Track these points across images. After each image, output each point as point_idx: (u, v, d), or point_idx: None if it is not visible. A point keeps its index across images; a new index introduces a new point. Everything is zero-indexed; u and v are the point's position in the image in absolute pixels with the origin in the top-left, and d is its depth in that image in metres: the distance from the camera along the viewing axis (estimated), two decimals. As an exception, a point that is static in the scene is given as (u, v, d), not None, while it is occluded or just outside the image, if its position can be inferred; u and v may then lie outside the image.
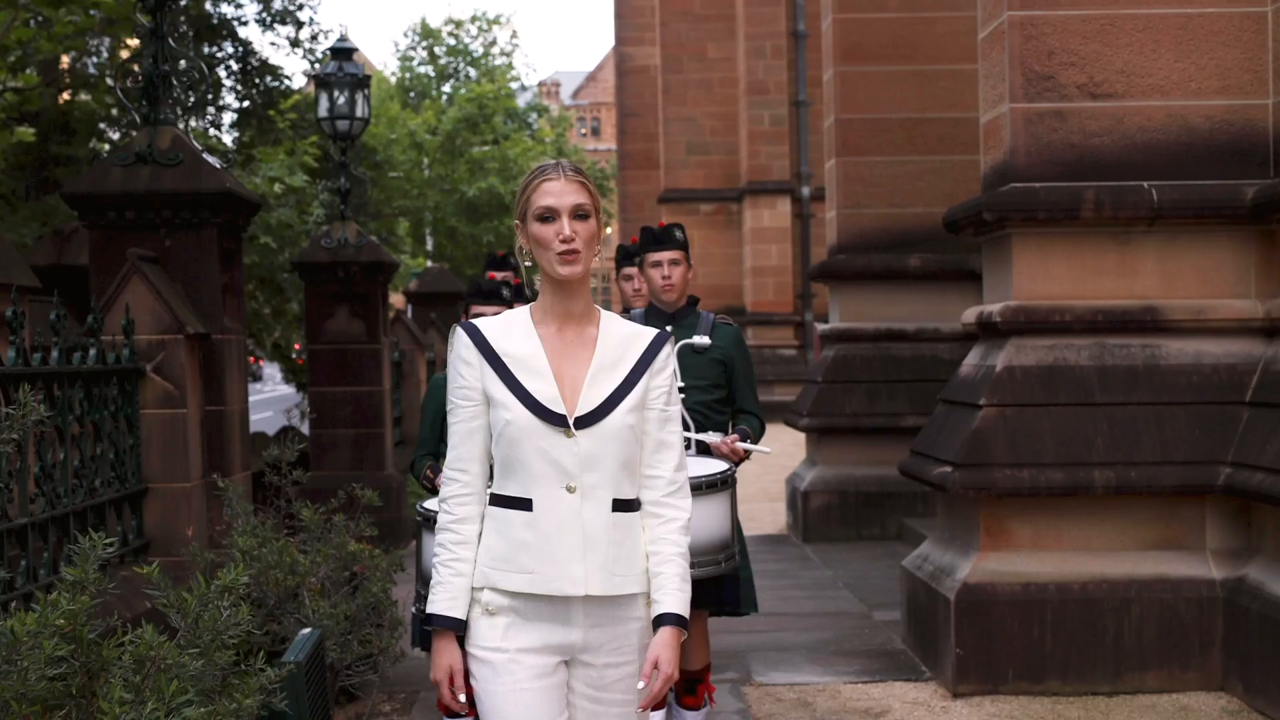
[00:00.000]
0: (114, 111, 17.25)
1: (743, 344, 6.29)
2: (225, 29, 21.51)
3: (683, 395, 5.89)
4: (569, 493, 3.42)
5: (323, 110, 13.24)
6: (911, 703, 7.16)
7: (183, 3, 20.05)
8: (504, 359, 3.47)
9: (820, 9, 15.16)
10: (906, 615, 8.29)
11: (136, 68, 8.42)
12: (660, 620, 3.47)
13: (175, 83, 8.10)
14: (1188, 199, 7.40)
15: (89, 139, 18.84)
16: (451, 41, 60.24)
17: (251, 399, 32.92)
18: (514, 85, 60.22)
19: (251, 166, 17.96)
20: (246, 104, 21.24)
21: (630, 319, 5.34)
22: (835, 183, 13.30)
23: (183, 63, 8.38)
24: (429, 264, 31.04)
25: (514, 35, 66.32)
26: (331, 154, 14.61)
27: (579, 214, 3.45)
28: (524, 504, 3.44)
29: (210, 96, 21.02)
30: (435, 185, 28.25)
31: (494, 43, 60.90)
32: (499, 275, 7.68)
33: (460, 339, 3.53)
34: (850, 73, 13.16)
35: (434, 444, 6.24)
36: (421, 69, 59.25)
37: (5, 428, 4.17)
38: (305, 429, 15.75)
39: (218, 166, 7.88)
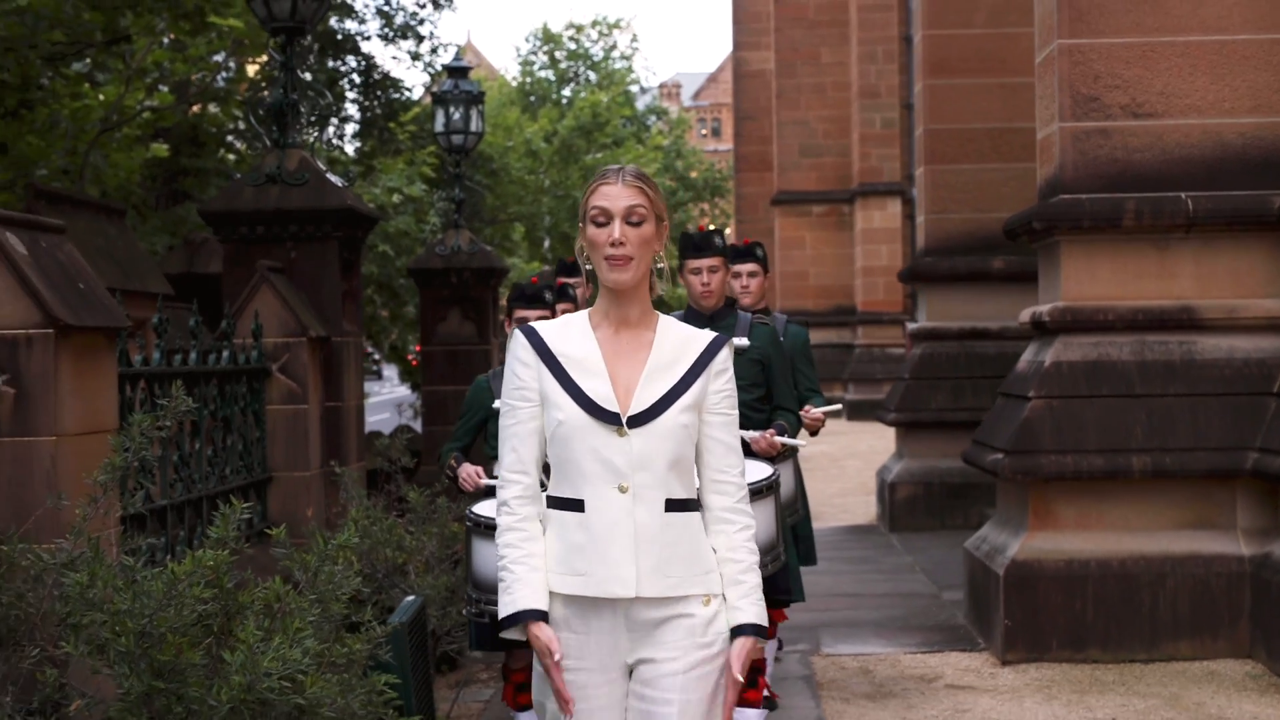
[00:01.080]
0: (240, 125, 18.26)
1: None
2: (349, 44, 22.56)
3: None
4: (620, 492, 3.42)
5: (439, 125, 14.13)
6: (963, 670, 7.85)
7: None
8: (560, 360, 3.49)
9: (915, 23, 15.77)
10: (967, 592, 8.98)
11: (266, 94, 9.31)
12: (740, 630, 3.48)
13: (302, 109, 8.98)
14: (1221, 208, 8.02)
15: (217, 150, 19.94)
16: (572, 46, 61.28)
17: (372, 399, 34.08)
18: (633, 88, 61.16)
19: (372, 177, 18.95)
20: (368, 116, 22.25)
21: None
22: (924, 189, 13.95)
23: (309, 92, 9.24)
24: (544, 268, 32.01)
25: (634, 39, 67.10)
26: (447, 165, 15.48)
27: (632, 218, 3.45)
28: (576, 505, 3.45)
29: (335, 109, 22.07)
30: (549, 191, 29.17)
31: (614, 46, 61.80)
32: (570, 280, 8.18)
33: (518, 340, 3.55)
34: (938, 85, 13.79)
35: (466, 439, 6.52)
36: (542, 73, 60.33)
37: (160, 418, 5.01)
38: (418, 426, 16.65)
39: (339, 185, 8.76)
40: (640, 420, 3.43)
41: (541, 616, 3.43)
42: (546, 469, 3.60)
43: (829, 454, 22.42)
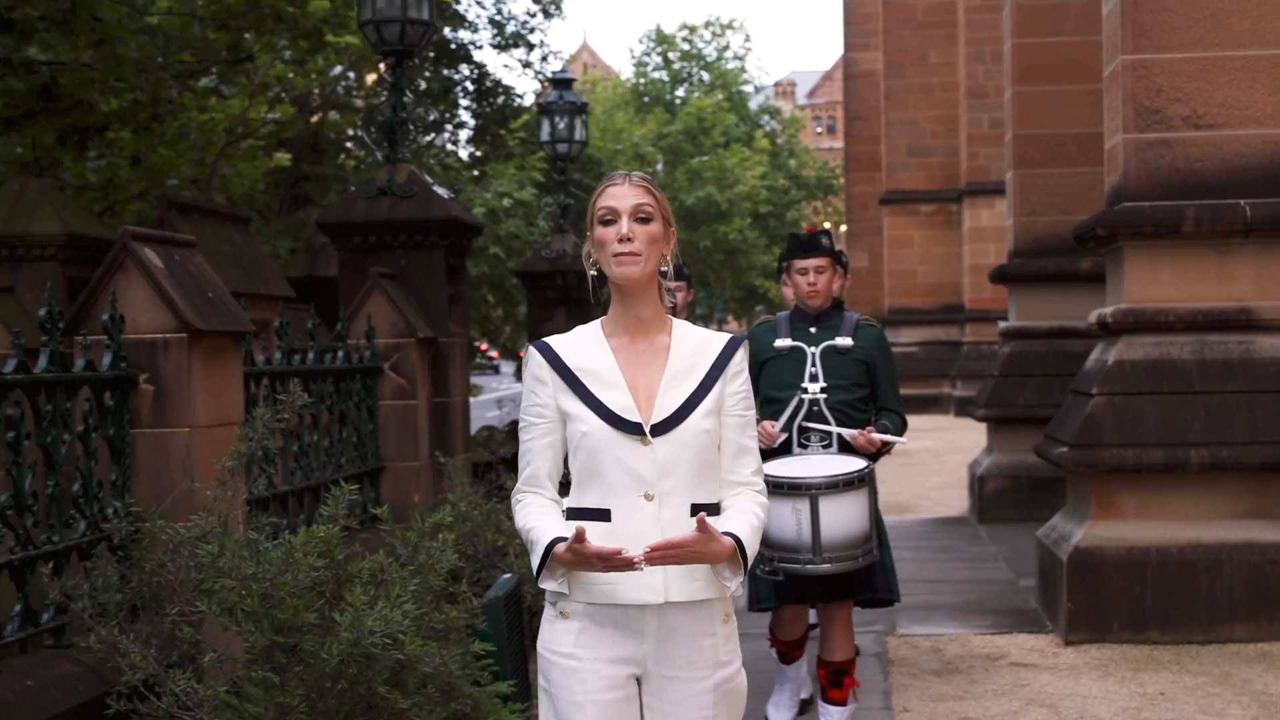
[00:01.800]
0: (358, 131, 19.05)
1: (884, 345, 6.43)
2: (463, 53, 23.33)
3: (825, 395, 6.17)
4: (647, 500, 3.44)
5: (544, 134, 14.78)
6: (1028, 649, 8.33)
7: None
8: (577, 373, 3.50)
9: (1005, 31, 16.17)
10: (1038, 578, 9.45)
11: (378, 115, 9.99)
12: (726, 533, 3.44)
13: (411, 126, 9.65)
14: (1278, 214, 8.42)
15: (336, 156, 20.78)
16: (685, 47, 61.88)
17: (486, 395, 34.90)
18: (746, 88, 61.61)
19: (483, 182, 19.67)
20: (481, 123, 23.01)
21: (776, 321, 6.43)
22: (1013, 193, 14.37)
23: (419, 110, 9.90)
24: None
25: (747, 39, 67.55)
26: (554, 172, 16.15)
27: (640, 215, 3.47)
28: (603, 515, 3.46)
29: (448, 117, 22.85)
30: (656, 194, 29.79)
31: (727, 47, 62.32)
32: (672, 285, 8.83)
33: (533, 358, 3.56)
34: (1028, 92, 14.19)
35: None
36: (656, 74, 60.99)
37: (279, 412, 5.66)
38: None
39: (445, 196, 9.42)
40: (663, 428, 3.45)
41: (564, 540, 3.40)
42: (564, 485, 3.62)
43: (932, 449, 22.83)
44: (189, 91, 14.34)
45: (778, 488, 5.81)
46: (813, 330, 6.25)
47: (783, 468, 5.97)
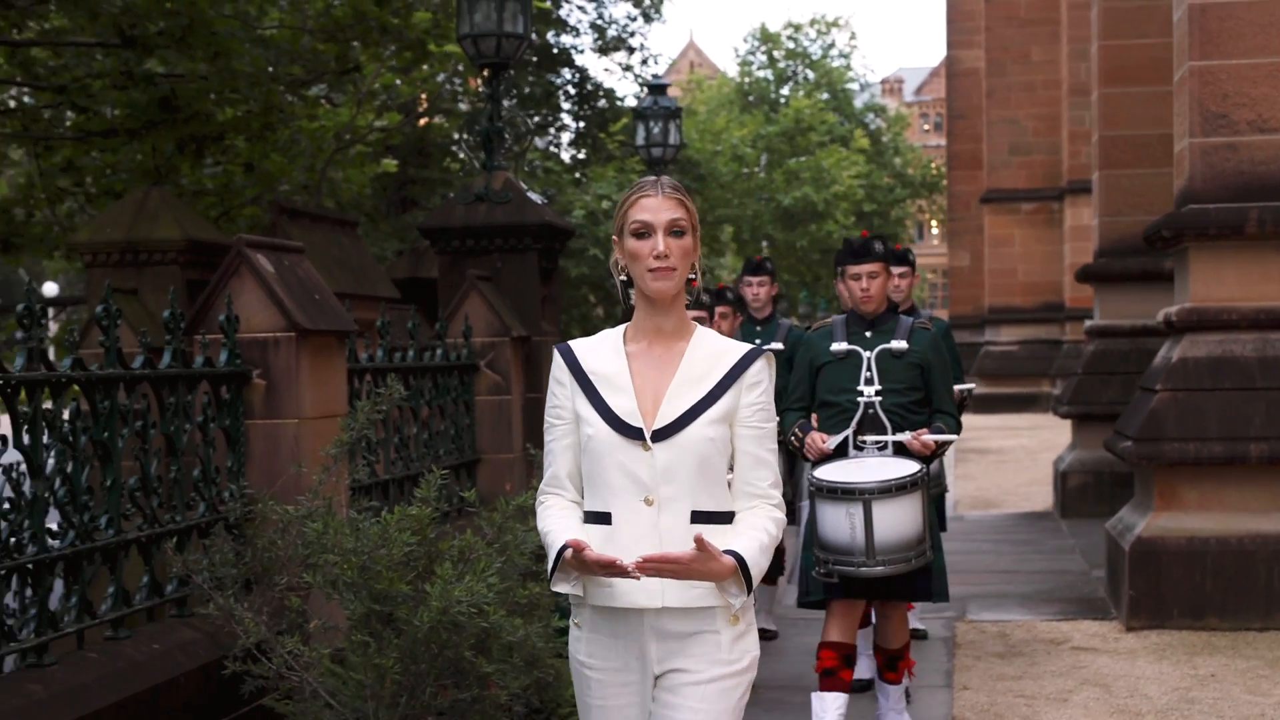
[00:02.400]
0: (464, 136, 19.67)
1: (939, 347, 6.43)
2: (564, 58, 23.89)
3: (880, 398, 6.23)
4: (646, 505, 3.46)
5: (639, 139, 15.29)
6: (1091, 635, 8.70)
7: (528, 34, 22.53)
8: (591, 377, 3.54)
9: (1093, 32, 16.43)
10: (1106, 568, 9.80)
11: (477, 125, 10.53)
12: (728, 551, 3.42)
13: (506, 136, 10.18)
14: (1338, 216, 8.74)
15: (442, 160, 21.43)
16: (790, 45, 62.09)
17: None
18: (852, 86, 61.70)
19: (584, 185, 20.21)
20: (582, 126, 23.56)
21: (832, 325, 6.50)
22: (1099, 193, 14.66)
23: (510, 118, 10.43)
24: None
25: (852, 37, 67.52)
26: (654, 174, 16.63)
27: (674, 230, 3.49)
28: (604, 518, 3.50)
29: (550, 121, 23.42)
30: (755, 195, 30.28)
31: (832, 45, 62.45)
32: (754, 277, 8.68)
33: (556, 361, 3.62)
34: (1114, 94, 14.47)
35: (807, 398, 6.48)
36: (761, 73, 61.26)
37: (377, 404, 6.19)
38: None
39: (539, 202, 9.94)
40: (664, 434, 3.46)
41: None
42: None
43: (1026, 447, 23.06)
44: (300, 100, 14.98)
45: (831, 492, 5.99)
46: (868, 334, 6.32)
47: (836, 472, 6.08)
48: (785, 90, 60.23)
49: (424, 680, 5.23)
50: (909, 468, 6.05)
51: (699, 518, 3.45)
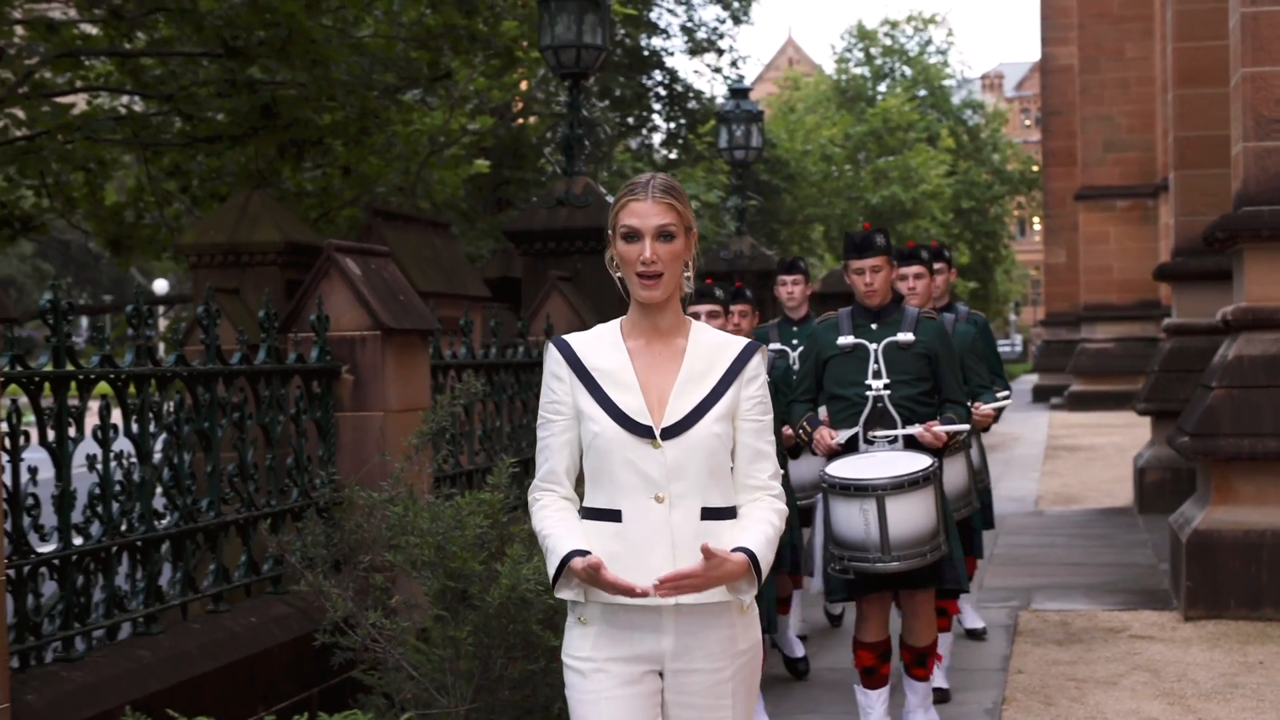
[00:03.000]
0: (552, 135, 20.16)
1: (945, 337, 6.43)
2: (655, 60, 24.33)
3: (889, 391, 6.24)
4: (657, 502, 3.46)
5: (722, 142, 15.68)
6: (1149, 624, 9.00)
7: (621, 35, 22.98)
8: (593, 373, 3.53)
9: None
10: (1170, 561, 10.07)
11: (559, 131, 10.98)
12: (738, 549, 3.45)
13: (587, 143, 10.63)
14: (1391, 218, 8.98)
15: (536, 160, 21.94)
16: (887, 42, 62.17)
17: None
18: (949, 83, 61.65)
19: (672, 185, 20.61)
20: (673, 127, 24.01)
21: (838, 318, 6.46)
22: (1175, 193, 14.87)
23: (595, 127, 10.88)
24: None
25: (950, 33, 67.37)
26: (732, 178, 17.03)
27: (663, 235, 3.46)
28: (613, 515, 3.49)
29: (643, 119, 23.86)
30: (843, 194, 30.59)
31: (929, 42, 62.46)
32: (789, 276, 8.63)
33: (551, 354, 3.59)
34: (1188, 95, 14.67)
35: (814, 390, 6.53)
36: (858, 70, 61.40)
37: (456, 398, 6.66)
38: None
39: (618, 205, 10.38)
40: (674, 432, 3.48)
41: (583, 553, 3.43)
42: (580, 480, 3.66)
43: (1118, 444, 23.22)
44: (395, 105, 15.51)
45: (844, 489, 6.04)
46: (874, 326, 6.30)
47: (848, 469, 6.12)
48: (882, 87, 60.36)
49: (495, 652, 5.67)
50: (921, 462, 6.08)
51: (709, 514, 3.48)
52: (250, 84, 12.96)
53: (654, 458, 3.45)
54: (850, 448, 6.26)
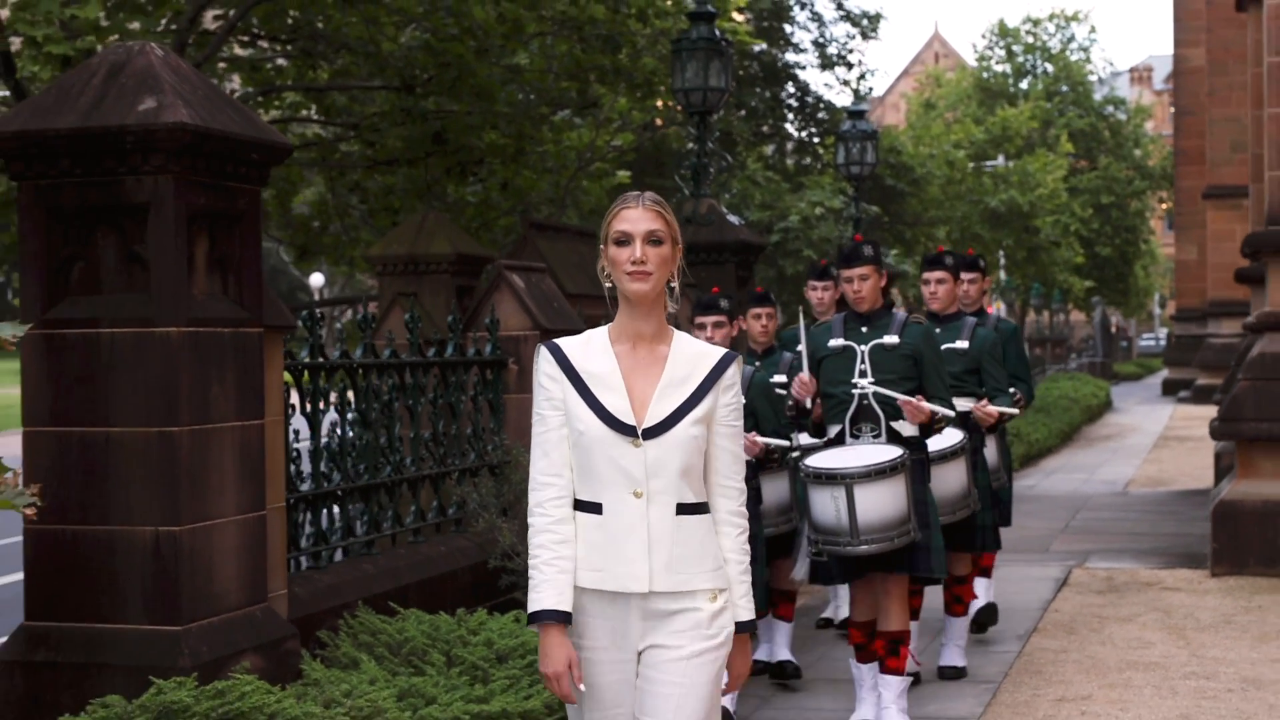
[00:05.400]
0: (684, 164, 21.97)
1: (931, 339, 6.79)
2: (787, 73, 26.11)
3: (875, 389, 6.62)
4: (636, 497, 3.67)
5: (840, 159, 17.45)
6: (1181, 579, 10.66)
7: (757, 49, 24.80)
8: (583, 375, 3.73)
9: None
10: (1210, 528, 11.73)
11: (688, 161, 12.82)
12: (740, 627, 3.79)
13: (712, 170, 12.48)
14: (1392, 235, 10.55)
15: (676, 169, 23.82)
16: (1029, 39, 63.03)
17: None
18: (1091, 79, 62.36)
19: (800, 192, 22.42)
20: (803, 136, 25.78)
21: (832, 323, 6.91)
22: (1252, 204, 16.35)
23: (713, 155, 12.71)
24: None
25: (1092, 30, 67.87)
26: (854, 189, 18.77)
27: (652, 239, 3.68)
28: (595, 507, 3.70)
29: (775, 128, 25.64)
30: (964, 197, 32.07)
31: (1071, 39, 63.23)
32: (819, 282, 8.79)
33: (544, 357, 3.78)
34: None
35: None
36: (999, 67, 62.37)
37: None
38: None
39: (736, 223, 12.22)
40: (654, 432, 3.68)
41: (564, 619, 3.68)
42: None
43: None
44: (548, 126, 17.50)
45: (818, 478, 6.47)
46: (864, 330, 6.67)
47: (824, 459, 6.56)
48: (1024, 84, 61.30)
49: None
50: (892, 453, 6.47)
51: (684, 509, 3.71)
52: (424, 114, 14.97)
53: (635, 455, 3.68)
54: (838, 440, 6.70)
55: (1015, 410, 7.99)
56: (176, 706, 4.68)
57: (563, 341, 3.80)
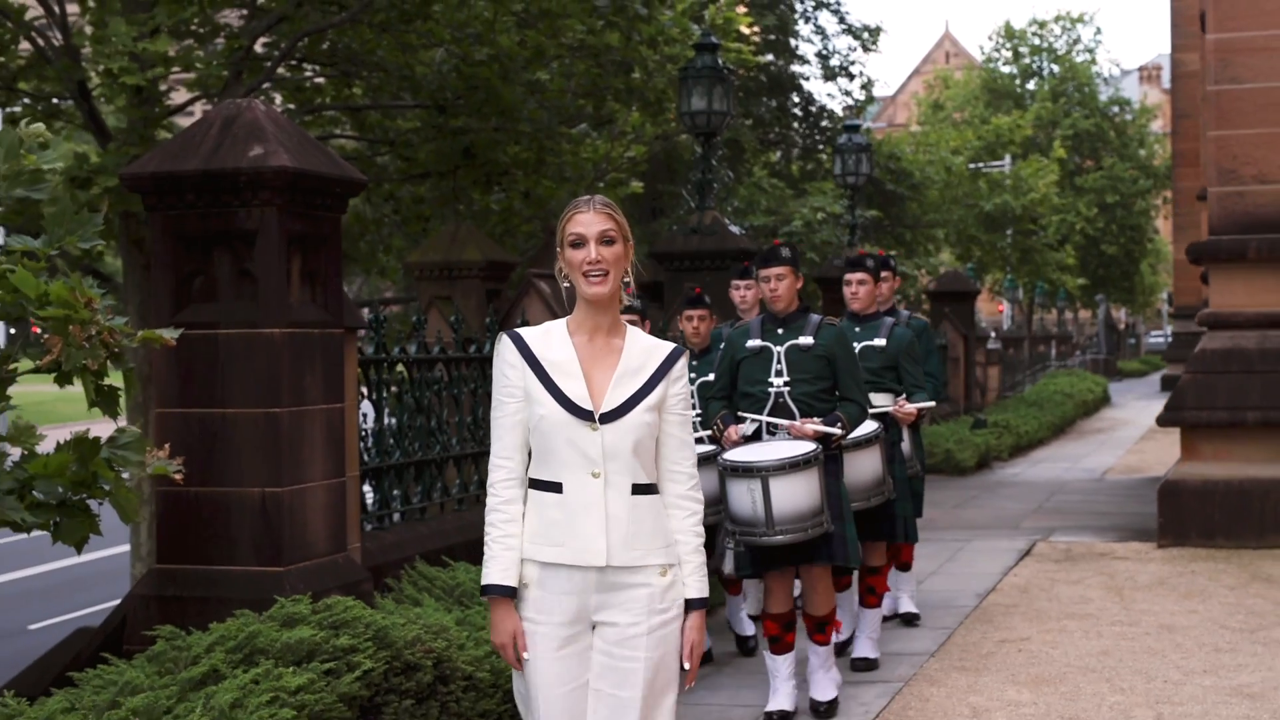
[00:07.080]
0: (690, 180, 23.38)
1: (845, 342, 6.98)
2: (792, 83, 27.48)
3: (789, 389, 6.87)
4: (594, 478, 3.87)
5: (837, 169, 18.82)
6: (1130, 550, 12.03)
7: (766, 60, 26.15)
8: (543, 363, 3.92)
9: None
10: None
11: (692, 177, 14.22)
12: (689, 605, 3.98)
13: (715, 185, 13.88)
14: (1317, 245, 11.90)
15: (687, 176, 25.24)
16: (1035, 41, 64.18)
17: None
18: (1096, 79, 63.51)
19: (803, 198, 23.79)
20: (807, 144, 27.14)
21: (749, 325, 7.14)
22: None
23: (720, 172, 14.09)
24: (965, 268, 36.48)
25: (1098, 32, 68.91)
26: (849, 197, 20.14)
27: (605, 239, 3.87)
28: (555, 487, 3.90)
29: (780, 135, 27.00)
30: (960, 201, 33.37)
31: (1077, 40, 64.37)
32: (740, 283, 9.31)
33: (506, 345, 3.97)
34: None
35: (728, 389, 7.09)
36: (1005, 69, 63.55)
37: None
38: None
39: (738, 233, 13.61)
40: (610, 417, 3.88)
41: (509, 593, 3.92)
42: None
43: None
44: (566, 139, 18.89)
45: (735, 470, 6.72)
46: (779, 331, 6.89)
47: (741, 454, 6.80)
48: (1031, 85, 62.48)
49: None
50: (805, 447, 6.70)
51: (638, 489, 3.92)
52: (454, 131, 16.37)
53: (592, 439, 3.89)
54: (756, 437, 6.96)
55: (932, 403, 8.47)
56: (297, 616, 6.07)
57: (523, 331, 4.03)
